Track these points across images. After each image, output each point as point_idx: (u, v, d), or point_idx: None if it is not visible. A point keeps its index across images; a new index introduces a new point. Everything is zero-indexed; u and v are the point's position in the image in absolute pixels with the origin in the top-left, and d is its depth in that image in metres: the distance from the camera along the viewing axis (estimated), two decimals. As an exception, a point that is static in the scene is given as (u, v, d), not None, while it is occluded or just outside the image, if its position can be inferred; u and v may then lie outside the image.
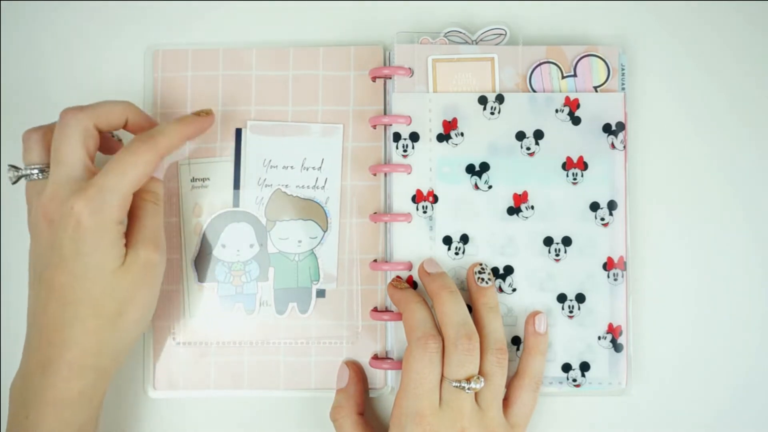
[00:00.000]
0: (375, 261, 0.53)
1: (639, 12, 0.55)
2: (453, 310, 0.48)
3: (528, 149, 0.52)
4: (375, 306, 0.53)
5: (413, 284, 0.52)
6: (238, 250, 0.53)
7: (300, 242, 0.53)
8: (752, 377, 0.54)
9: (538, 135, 0.52)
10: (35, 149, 0.48)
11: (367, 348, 0.53)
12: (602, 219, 0.52)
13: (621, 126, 0.52)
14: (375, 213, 0.53)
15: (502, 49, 0.53)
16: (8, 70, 0.55)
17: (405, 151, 0.52)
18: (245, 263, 0.53)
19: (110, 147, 0.51)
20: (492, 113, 0.52)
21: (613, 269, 0.52)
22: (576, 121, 0.52)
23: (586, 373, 0.52)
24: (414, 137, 0.52)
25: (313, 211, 0.54)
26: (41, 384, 0.45)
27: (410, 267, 0.52)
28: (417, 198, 0.52)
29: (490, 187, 0.52)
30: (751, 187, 0.55)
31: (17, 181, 0.49)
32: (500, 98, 0.52)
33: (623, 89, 0.53)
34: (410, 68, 0.53)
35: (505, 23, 0.53)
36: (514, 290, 0.52)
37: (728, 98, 0.55)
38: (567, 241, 0.52)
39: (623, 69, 0.53)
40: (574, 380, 0.52)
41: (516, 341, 0.52)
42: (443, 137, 0.52)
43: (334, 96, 0.54)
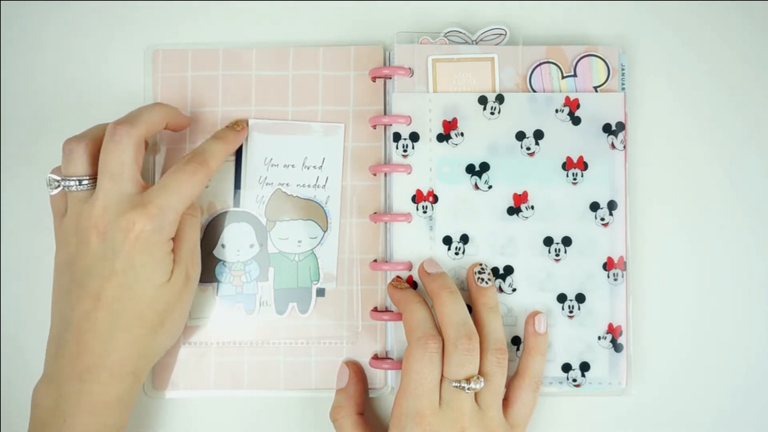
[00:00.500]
0: (375, 261, 0.53)
1: (639, 12, 0.55)
2: (453, 310, 0.48)
3: (528, 149, 0.52)
4: (375, 306, 0.53)
5: (413, 284, 0.52)
6: (238, 250, 0.53)
7: (300, 242, 0.53)
8: (752, 377, 0.54)
9: (538, 135, 0.52)
10: (79, 161, 0.48)
11: (367, 348, 0.53)
12: (602, 219, 0.52)
13: (621, 126, 0.52)
14: (375, 213, 0.53)
15: (502, 49, 0.53)
16: (8, 70, 0.55)
17: (405, 151, 0.52)
18: (245, 263, 0.53)
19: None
20: (492, 113, 0.52)
21: (613, 269, 0.52)
22: (576, 121, 0.52)
23: (586, 373, 0.52)
24: (414, 137, 0.52)
25: (313, 211, 0.54)
26: (79, 389, 0.46)
27: (410, 267, 0.52)
28: (417, 198, 0.52)
29: (490, 187, 0.52)
30: (752, 187, 0.55)
31: (55, 190, 0.49)
32: (500, 98, 0.52)
33: (623, 89, 0.53)
34: (410, 68, 0.53)
35: (505, 23, 0.53)
36: (514, 290, 0.52)
37: (728, 98, 0.55)
38: (567, 241, 0.52)
39: (623, 69, 0.53)
40: (574, 380, 0.52)
41: (516, 341, 0.52)
42: (443, 137, 0.52)
43: (334, 96, 0.54)
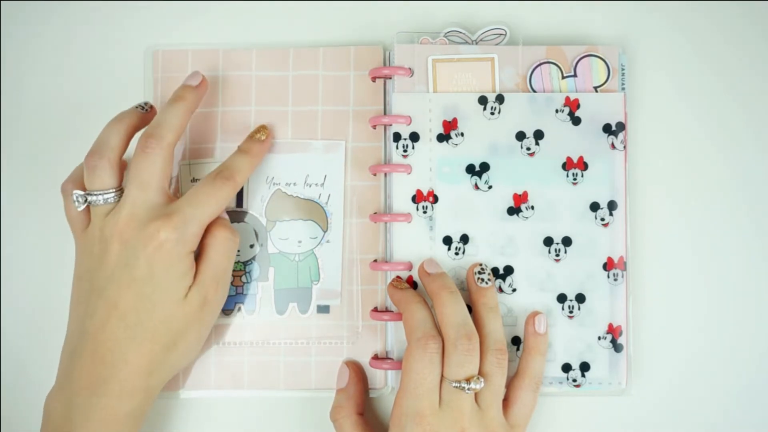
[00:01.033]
0: (375, 261, 0.53)
1: (639, 12, 0.55)
2: (453, 311, 0.48)
3: (528, 149, 0.52)
4: (375, 306, 0.53)
5: (413, 284, 0.52)
6: (239, 251, 0.53)
7: (300, 242, 0.53)
8: (753, 377, 0.54)
9: (539, 135, 0.52)
10: (104, 176, 0.48)
11: (367, 348, 0.53)
12: (602, 219, 0.52)
13: (621, 126, 0.52)
14: (375, 213, 0.53)
15: (502, 49, 0.53)
16: (8, 70, 0.55)
17: (405, 151, 0.52)
18: (246, 263, 0.53)
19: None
20: (492, 113, 0.52)
21: (613, 269, 0.52)
22: (576, 122, 0.52)
23: (586, 373, 0.52)
24: (414, 137, 0.52)
25: (314, 211, 0.54)
26: (90, 402, 0.46)
27: (410, 267, 0.52)
28: (417, 198, 0.52)
29: (490, 187, 0.52)
30: (752, 187, 0.55)
31: (82, 206, 0.49)
32: (500, 98, 0.52)
33: (623, 89, 0.53)
34: (410, 68, 0.53)
35: (505, 23, 0.53)
36: (514, 290, 0.52)
37: (729, 97, 0.55)
38: (567, 242, 0.52)
39: (623, 69, 0.53)
40: (574, 380, 0.52)
41: (516, 341, 0.52)
42: (443, 137, 0.52)
43: (334, 96, 0.54)
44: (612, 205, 0.52)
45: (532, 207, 0.52)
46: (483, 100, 0.52)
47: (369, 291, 0.53)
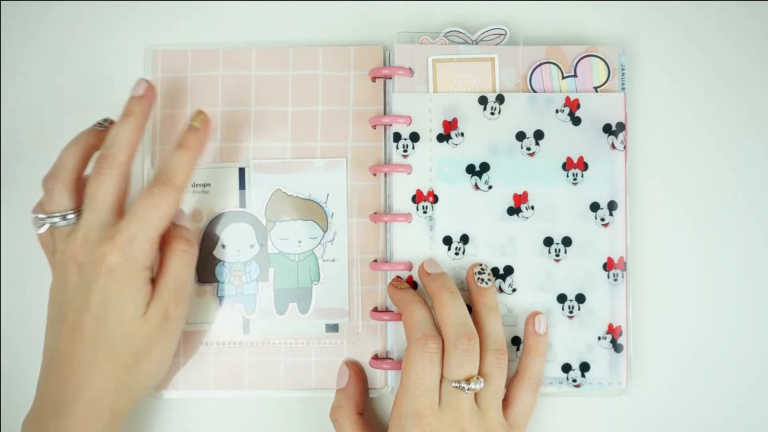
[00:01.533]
0: (375, 261, 0.53)
1: (639, 12, 0.55)
2: (453, 311, 0.48)
3: (528, 149, 0.52)
4: (375, 306, 0.53)
5: (413, 284, 0.52)
6: (239, 251, 0.53)
7: (300, 242, 0.53)
8: (754, 376, 0.54)
9: (539, 135, 0.52)
10: (60, 198, 0.48)
11: (368, 348, 0.53)
12: (602, 219, 0.52)
13: (621, 126, 0.52)
14: (375, 213, 0.53)
15: (503, 49, 0.53)
16: (8, 69, 0.55)
17: (405, 151, 0.52)
18: (245, 263, 0.53)
19: None
20: (492, 113, 0.52)
21: (613, 269, 0.52)
22: (576, 122, 0.52)
23: (586, 374, 0.52)
24: (414, 137, 0.52)
25: (313, 211, 0.54)
26: (57, 425, 0.45)
27: (410, 267, 0.52)
28: (417, 198, 0.52)
29: (491, 188, 0.52)
30: (753, 187, 0.55)
31: (42, 228, 0.49)
32: (500, 98, 0.52)
33: (623, 89, 0.53)
34: (410, 68, 0.53)
35: (505, 23, 0.53)
36: (514, 290, 0.52)
37: (729, 97, 0.55)
38: (567, 242, 0.52)
39: (623, 69, 0.53)
40: (574, 380, 0.52)
41: (516, 341, 0.52)
42: (443, 137, 0.52)
43: (334, 96, 0.54)
44: (612, 205, 0.52)
45: (532, 207, 0.52)
46: (483, 100, 0.52)
47: (369, 291, 0.53)
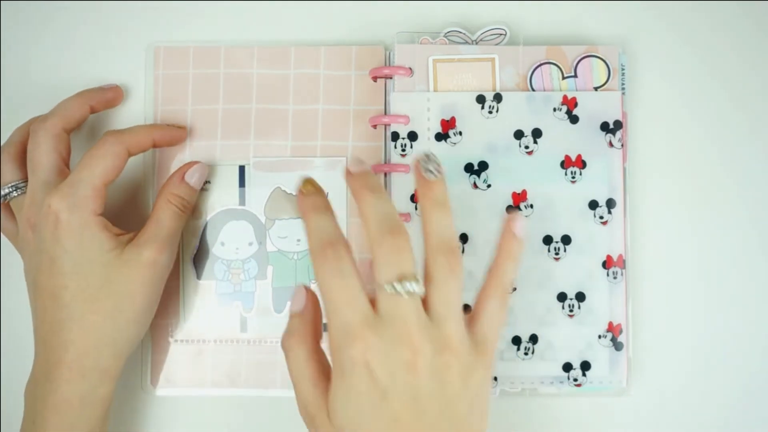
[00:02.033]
0: (374, 260, 0.53)
1: (639, 12, 0.55)
2: (373, 208, 0.41)
3: (526, 148, 0.52)
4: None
5: None
6: (237, 248, 0.53)
7: (299, 241, 0.53)
8: (753, 375, 0.53)
9: (537, 134, 0.52)
10: (5, 170, 0.49)
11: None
12: (601, 217, 0.52)
13: (619, 124, 0.52)
14: (374, 211, 0.53)
15: (503, 50, 0.53)
16: (8, 69, 0.55)
17: (403, 151, 0.52)
18: (244, 261, 0.53)
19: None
20: (490, 112, 0.52)
21: (613, 267, 0.52)
22: (574, 120, 0.52)
23: (587, 372, 0.51)
24: (412, 136, 0.52)
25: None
26: (45, 389, 0.45)
27: (409, 266, 0.52)
28: (416, 197, 0.52)
29: (489, 186, 0.52)
30: (752, 186, 0.54)
31: (6, 201, 0.50)
32: (498, 97, 0.52)
33: (623, 90, 0.53)
34: (410, 68, 0.53)
35: (505, 23, 0.53)
36: (514, 289, 0.52)
37: (729, 97, 0.55)
38: (566, 240, 0.52)
39: (623, 69, 0.53)
40: (575, 380, 0.51)
41: (516, 341, 0.52)
42: (441, 136, 0.52)
43: (335, 95, 0.54)
44: (611, 203, 0.52)
45: (531, 205, 0.52)
46: (481, 99, 0.52)
47: (368, 290, 0.53)
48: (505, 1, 0.55)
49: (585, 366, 0.51)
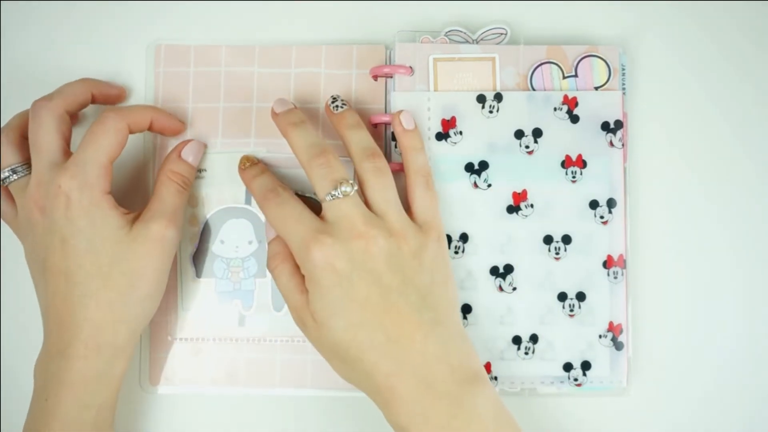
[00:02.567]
0: (373, 259, 0.53)
1: (640, 12, 0.55)
2: (300, 139, 0.47)
3: (527, 147, 0.52)
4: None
5: None
6: (237, 247, 0.53)
7: (299, 240, 0.53)
8: (753, 375, 0.53)
9: (537, 133, 0.52)
10: (4, 154, 0.49)
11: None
12: (601, 217, 0.52)
13: (619, 124, 0.52)
14: (374, 210, 0.53)
15: (503, 49, 0.53)
16: (9, 66, 0.55)
17: (404, 150, 0.52)
18: (243, 260, 0.53)
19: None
20: (491, 112, 0.52)
21: (613, 267, 0.52)
22: (574, 120, 0.52)
23: (588, 372, 0.51)
24: (413, 135, 0.52)
25: (313, 209, 0.53)
26: (59, 366, 0.46)
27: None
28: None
29: (489, 186, 0.52)
30: (751, 186, 0.54)
31: (5, 184, 0.49)
32: (498, 97, 0.52)
33: (623, 90, 0.53)
34: (411, 67, 0.53)
35: (506, 23, 0.53)
36: (515, 289, 0.52)
37: (729, 97, 0.55)
38: (567, 240, 0.52)
39: (623, 69, 0.53)
40: (576, 379, 0.51)
41: (517, 341, 0.52)
42: (442, 136, 0.52)
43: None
44: (611, 203, 0.52)
45: (532, 205, 0.52)
46: (481, 99, 0.52)
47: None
48: (506, 1, 0.55)
49: (585, 366, 0.51)
